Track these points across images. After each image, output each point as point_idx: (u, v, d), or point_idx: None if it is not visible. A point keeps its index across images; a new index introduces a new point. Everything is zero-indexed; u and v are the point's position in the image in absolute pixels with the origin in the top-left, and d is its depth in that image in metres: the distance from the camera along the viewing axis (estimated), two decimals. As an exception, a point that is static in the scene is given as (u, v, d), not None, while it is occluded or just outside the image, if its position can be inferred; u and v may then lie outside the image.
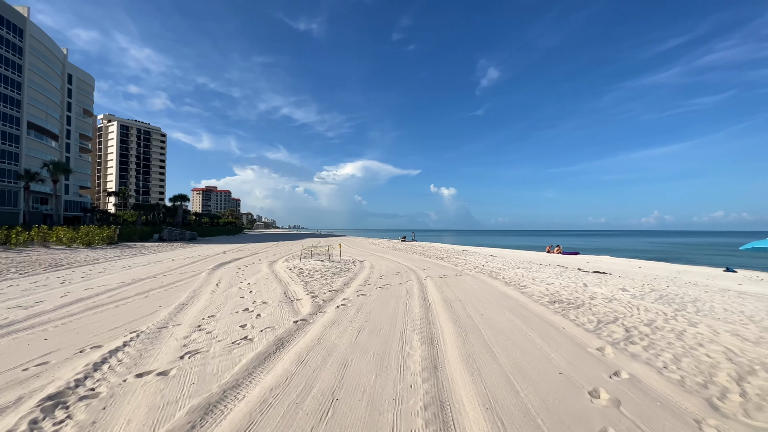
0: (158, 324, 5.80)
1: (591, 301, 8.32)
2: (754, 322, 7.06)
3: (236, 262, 15.32)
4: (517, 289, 9.66)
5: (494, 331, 5.51)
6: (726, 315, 7.48)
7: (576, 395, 3.46)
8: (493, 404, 3.25)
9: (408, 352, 4.57)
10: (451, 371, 3.97)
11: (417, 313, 6.59)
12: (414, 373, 3.89)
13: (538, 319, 6.32)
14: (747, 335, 5.88)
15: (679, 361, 4.45)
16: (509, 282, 10.88)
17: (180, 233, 37.94)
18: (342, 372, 3.93)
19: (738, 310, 8.24)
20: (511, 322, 6.07)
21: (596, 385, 3.70)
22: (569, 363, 4.29)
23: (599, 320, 6.42)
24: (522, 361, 4.31)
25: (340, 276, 11.09)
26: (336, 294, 8.23)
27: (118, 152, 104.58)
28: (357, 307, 7.01)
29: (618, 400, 3.37)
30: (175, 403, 3.26)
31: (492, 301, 7.87)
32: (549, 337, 5.32)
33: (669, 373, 4.03)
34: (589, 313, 6.92)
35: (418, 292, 8.68)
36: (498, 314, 6.62)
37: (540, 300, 8.15)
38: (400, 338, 5.09)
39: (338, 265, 14.23)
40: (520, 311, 6.92)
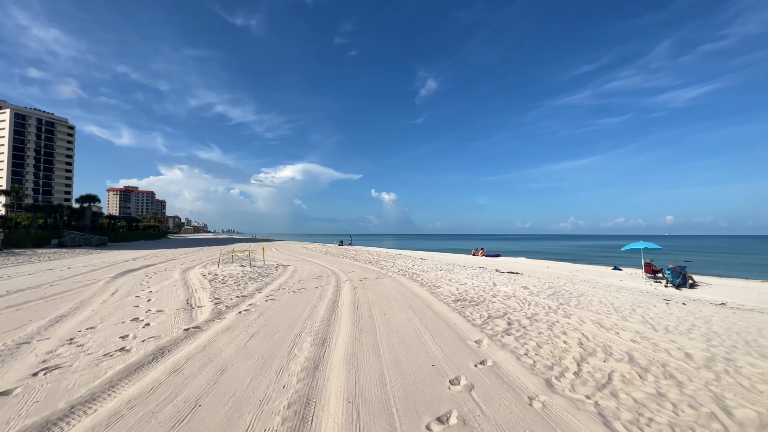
0: (20, 340, 5.13)
1: (492, 299, 9.07)
2: (617, 311, 8.25)
3: (146, 270, 14.05)
4: (430, 290, 10.18)
5: (389, 330, 5.76)
6: (599, 307, 8.63)
7: (437, 384, 3.77)
8: (357, 398, 3.41)
9: (295, 354, 4.59)
10: (330, 370, 4.07)
11: (321, 316, 6.64)
12: (292, 374, 3.93)
13: (435, 317, 6.73)
14: (606, 323, 6.86)
15: (540, 348, 5.05)
16: (425, 283, 11.41)
17: (85, 238, 33.72)
18: (216, 378, 3.83)
19: (610, 302, 9.56)
20: (409, 321, 6.39)
21: (460, 373, 4.06)
22: (445, 355, 4.65)
23: (489, 315, 7.03)
24: (403, 356, 4.57)
25: (256, 281, 10.74)
26: (243, 300, 7.96)
27: (11, 144, 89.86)
28: (260, 312, 6.85)
29: (472, 385, 3.74)
30: (5, 424, 2.92)
31: (400, 301, 8.20)
32: (438, 333, 5.70)
33: (526, 359, 4.56)
34: (483, 310, 7.53)
35: (331, 295, 8.73)
36: (400, 314, 6.92)
37: (446, 299, 8.68)
38: (293, 341, 5.10)
39: (259, 270, 13.75)
40: (422, 310, 7.31)
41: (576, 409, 3.29)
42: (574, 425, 3.02)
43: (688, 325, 7.11)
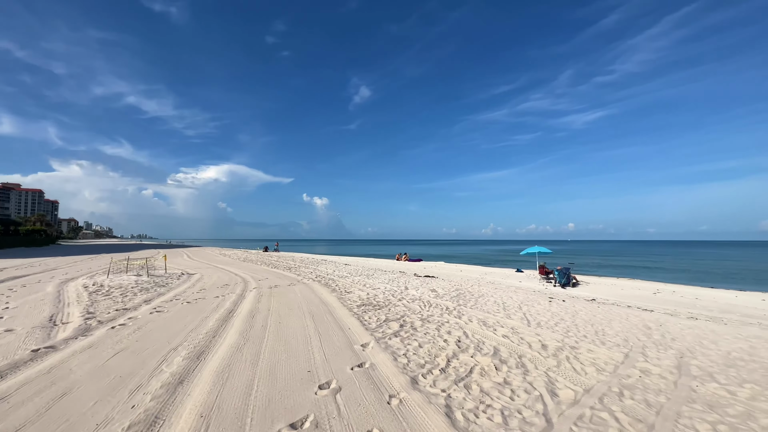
0: None
1: (397, 302, 9.42)
2: (505, 310, 9.15)
3: (11, 282, 11.90)
4: (339, 295, 10.23)
5: (278, 339, 5.66)
6: (491, 306, 9.46)
7: (306, 389, 3.80)
8: (212, 412, 3.29)
9: (162, 370, 4.27)
10: (196, 385, 3.87)
11: (209, 327, 6.28)
12: (147, 393, 3.64)
13: (333, 323, 6.79)
14: (489, 321, 7.55)
15: (420, 348, 5.38)
16: (337, 289, 11.43)
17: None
18: (51, 404, 3.39)
19: (503, 302, 10.55)
20: (303, 328, 6.34)
21: (333, 377, 4.14)
22: (326, 360, 4.71)
23: (387, 318, 7.30)
24: (281, 364, 4.52)
25: (148, 292, 9.77)
26: (124, 313, 7.18)
27: None
28: (139, 326, 6.25)
29: (340, 388, 3.84)
30: None
31: (303, 309, 8.11)
32: (328, 338, 5.75)
33: (402, 359, 4.82)
34: (383, 313, 7.79)
35: (230, 305, 8.30)
36: (297, 322, 6.84)
37: (352, 304, 8.79)
38: (165, 357, 4.74)
39: (158, 279, 12.53)
40: (322, 317, 7.31)
41: (428, 402, 3.57)
42: (420, 418, 3.27)
43: (557, 320, 8.14)
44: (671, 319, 9.22)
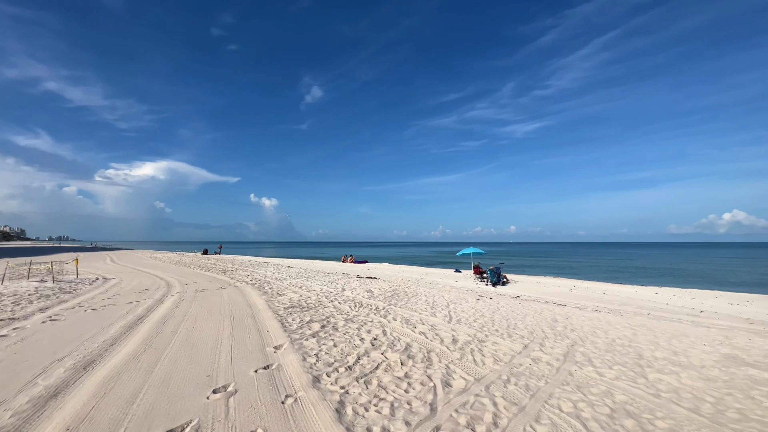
0: None
1: (330, 303, 9.40)
2: (432, 308, 9.52)
3: None
4: (270, 298, 9.97)
5: (185, 344, 5.40)
6: (421, 305, 9.78)
7: (198, 394, 3.68)
8: (82, 424, 3.07)
9: (37, 382, 3.89)
10: (73, 397, 3.57)
11: (110, 334, 5.81)
12: (8, 409, 3.30)
13: (252, 326, 6.61)
14: (413, 319, 7.81)
15: (334, 347, 5.43)
16: (269, 292, 11.14)
17: None
18: None
19: (433, 300, 10.97)
20: (218, 332, 6.11)
21: (232, 380, 4.05)
22: (230, 364, 4.59)
23: (311, 319, 7.26)
24: (180, 370, 4.32)
25: (48, 299, 8.79)
26: (8, 323, 6.40)
27: None
28: (23, 336, 5.61)
29: (236, 391, 3.77)
30: None
31: (225, 312, 7.80)
32: (241, 341, 5.60)
33: (311, 359, 4.84)
34: (309, 315, 7.73)
35: (142, 311, 7.75)
36: (213, 326, 6.57)
37: (279, 307, 8.62)
38: (45, 368, 4.31)
39: (65, 285, 11.31)
40: (242, 320, 7.09)
41: (322, 399, 3.63)
42: (309, 415, 3.32)
43: (478, 316, 8.65)
44: (578, 312, 10.21)
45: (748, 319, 10.04)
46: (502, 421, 3.35)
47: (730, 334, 7.81)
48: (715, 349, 6.48)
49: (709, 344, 6.81)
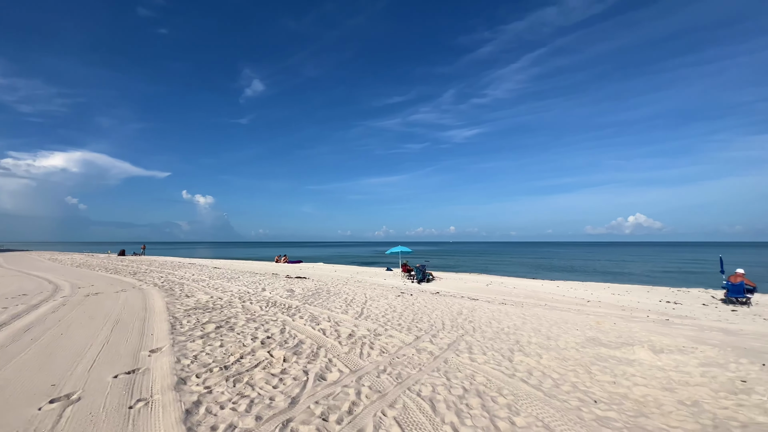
0: None
1: (242, 304, 9.03)
2: (350, 306, 9.59)
3: None
4: (175, 300, 9.33)
5: (40, 353, 4.84)
6: (338, 303, 9.79)
7: (29, 405, 3.32)
8: None
9: None
10: None
11: (-54, 346, 5.01)
12: None
13: (137, 330, 6.13)
14: (321, 317, 7.79)
15: (219, 348, 5.23)
16: (177, 294, 10.42)
17: None
18: None
19: (352, 298, 11.06)
20: (90, 338, 5.57)
21: (80, 388, 3.71)
22: (88, 371, 4.21)
23: (210, 320, 6.92)
24: (19, 382, 3.86)
25: None
26: None
27: None
28: None
29: (79, 399, 3.47)
30: None
31: (111, 316, 7.14)
32: (115, 346, 5.17)
33: (185, 361, 4.62)
34: (211, 316, 7.36)
35: (6, 318, 6.80)
36: (88, 331, 5.97)
37: (181, 308, 8.09)
38: None
39: None
40: (128, 324, 6.54)
41: (177, 401, 3.48)
42: (154, 418, 3.17)
43: (389, 311, 8.89)
44: (484, 305, 10.98)
45: (622, 306, 11.59)
46: (357, 409, 3.49)
47: (601, 320, 8.95)
48: (583, 332, 7.37)
49: (581, 329, 7.73)
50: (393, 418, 3.34)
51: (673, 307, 11.39)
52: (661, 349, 6.14)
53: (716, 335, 7.59)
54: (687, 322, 9.13)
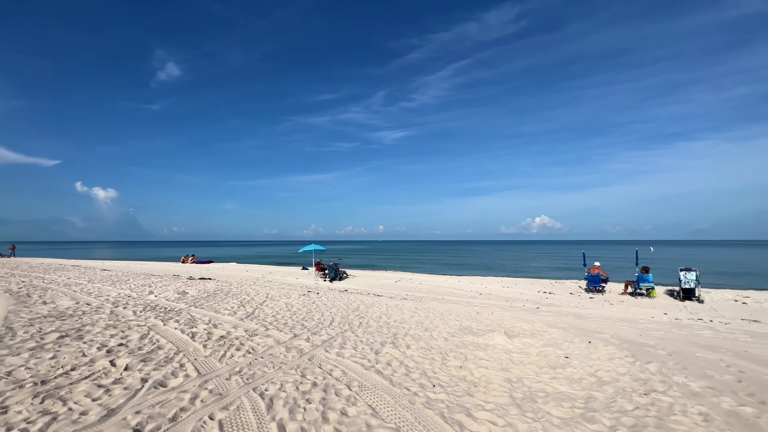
0: None
1: (114, 309, 7.98)
2: (243, 306, 9.11)
3: None
4: (26, 306, 7.93)
5: None
6: (230, 305, 9.22)
7: None
8: None
9: None
10: None
11: None
12: None
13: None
14: (200, 320, 7.27)
15: (48, 360, 4.56)
16: (33, 299, 8.89)
17: None
18: None
19: (251, 298, 10.53)
20: None
21: None
22: None
23: (57, 330, 6.00)
24: None
25: None
26: None
27: None
28: None
29: None
30: None
31: None
32: None
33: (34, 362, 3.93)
34: (60, 324, 6.40)
35: None
36: None
37: (24, 316, 6.90)
38: None
39: None
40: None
41: (-51, 427, 2.92)
42: None
43: (285, 311, 8.65)
44: (385, 301, 11.31)
45: (506, 298, 12.87)
46: (183, 415, 3.29)
47: (482, 310, 9.81)
48: (460, 323, 7.98)
49: (460, 320, 8.35)
50: (219, 420, 3.21)
51: (547, 297, 12.97)
52: (516, 334, 6.91)
53: (568, 319, 8.80)
54: (552, 309, 10.45)
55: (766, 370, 5.03)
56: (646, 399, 3.96)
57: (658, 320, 8.84)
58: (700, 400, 3.99)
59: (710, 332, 7.47)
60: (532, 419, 3.41)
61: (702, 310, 10.39)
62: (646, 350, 6.03)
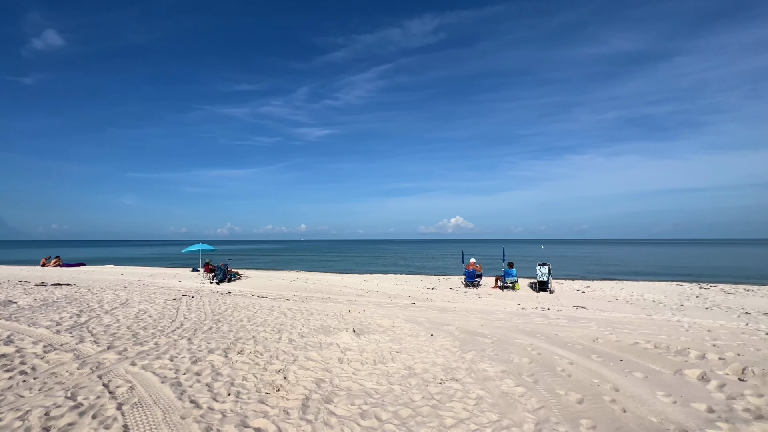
0: None
1: None
2: (81, 314, 7.80)
3: None
4: None
5: None
6: (65, 314, 7.80)
7: None
8: None
9: None
10: None
11: None
12: None
13: None
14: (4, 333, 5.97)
15: None
16: None
17: None
18: None
19: (97, 306, 9.10)
20: None
21: None
22: None
23: None
24: None
25: None
26: None
27: None
28: None
29: None
30: None
31: None
32: None
33: None
34: None
35: None
36: None
37: None
38: None
39: None
40: None
41: None
42: None
43: (130, 318, 7.60)
44: (261, 302, 10.72)
45: (391, 294, 13.24)
46: None
47: (355, 309, 9.86)
48: (322, 322, 7.83)
49: (325, 319, 8.21)
50: None
51: (428, 293, 13.66)
52: (368, 331, 7.00)
53: (432, 313, 9.28)
54: (425, 304, 10.97)
55: (559, 351, 5.78)
56: (438, 388, 4.19)
57: (509, 311, 9.81)
58: (486, 384, 4.36)
59: (541, 319, 8.47)
60: (307, 422, 3.32)
61: (549, 299, 11.87)
62: (476, 339, 6.54)
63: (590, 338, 6.56)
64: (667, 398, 4.01)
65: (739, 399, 4.01)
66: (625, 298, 12.10)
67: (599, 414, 3.62)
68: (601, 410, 3.70)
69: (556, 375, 4.72)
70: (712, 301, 11.44)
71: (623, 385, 4.35)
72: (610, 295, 12.85)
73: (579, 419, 3.50)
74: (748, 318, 8.80)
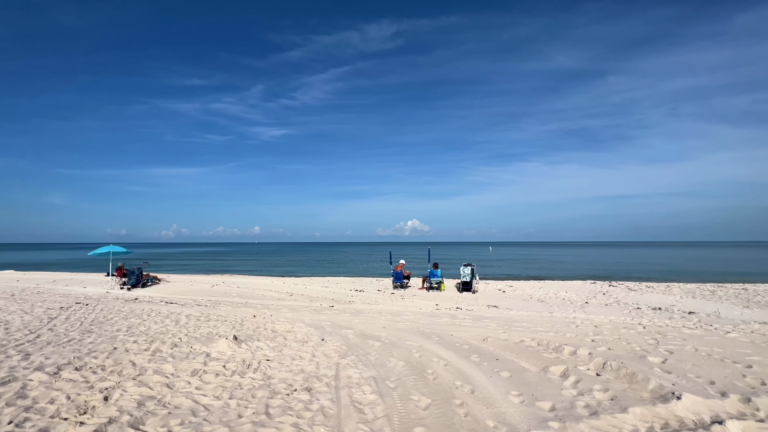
0: None
1: None
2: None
3: None
4: None
5: None
6: None
7: None
8: None
9: None
10: None
11: None
12: None
13: None
14: None
15: None
16: None
17: None
18: None
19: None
20: None
21: None
22: None
23: None
24: None
25: None
26: None
27: None
28: None
29: None
30: None
31: None
32: None
33: None
34: None
35: None
36: None
37: None
38: None
39: None
40: None
41: None
42: None
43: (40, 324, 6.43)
44: (167, 308, 9.80)
45: (314, 297, 12.75)
46: None
47: (262, 313, 9.27)
48: (212, 329, 7.19)
49: (217, 326, 7.56)
50: None
51: (353, 295, 13.34)
52: (253, 338, 6.49)
53: (343, 316, 8.94)
54: (343, 307, 10.63)
55: (442, 352, 5.65)
56: (281, 401, 3.81)
57: (423, 311, 9.73)
58: (339, 393, 4.05)
59: (447, 319, 8.44)
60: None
61: (468, 299, 12.02)
62: (366, 343, 6.27)
63: (481, 338, 6.54)
64: (518, 398, 3.94)
65: (586, 395, 4.04)
66: (539, 297, 12.58)
67: (437, 421, 3.43)
68: (441, 416, 3.52)
69: (421, 379, 4.54)
70: (614, 298, 12.21)
71: (482, 387, 4.25)
72: (527, 294, 13.33)
73: (414, 428, 3.28)
74: (637, 313, 9.41)
